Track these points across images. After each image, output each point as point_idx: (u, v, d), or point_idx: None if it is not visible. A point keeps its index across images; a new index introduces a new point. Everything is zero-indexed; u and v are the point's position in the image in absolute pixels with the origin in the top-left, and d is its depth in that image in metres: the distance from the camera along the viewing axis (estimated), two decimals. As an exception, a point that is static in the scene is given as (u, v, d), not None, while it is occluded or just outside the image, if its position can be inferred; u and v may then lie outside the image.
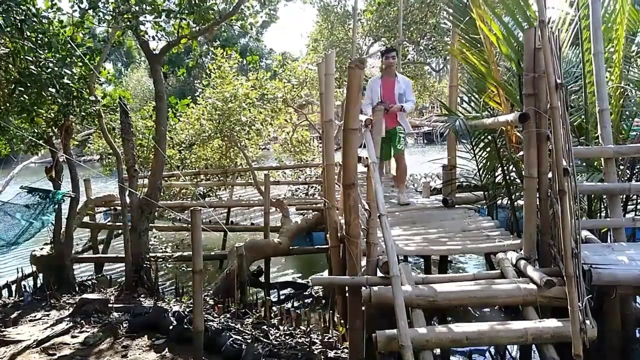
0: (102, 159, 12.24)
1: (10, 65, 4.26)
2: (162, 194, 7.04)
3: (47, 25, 4.70)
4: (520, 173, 4.14)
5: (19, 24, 4.23)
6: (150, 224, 6.39)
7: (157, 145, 6.09)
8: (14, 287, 5.93)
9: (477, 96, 5.16)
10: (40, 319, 4.53)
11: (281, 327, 4.31)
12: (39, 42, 4.03)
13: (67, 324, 4.20)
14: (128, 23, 5.23)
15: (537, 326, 2.81)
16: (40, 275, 6.15)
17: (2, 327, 4.30)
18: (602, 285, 2.97)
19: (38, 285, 6.01)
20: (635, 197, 4.31)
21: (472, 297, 3.12)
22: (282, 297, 6.46)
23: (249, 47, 29.73)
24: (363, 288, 3.26)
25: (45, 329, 4.19)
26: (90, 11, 5.25)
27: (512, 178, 4.69)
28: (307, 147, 9.67)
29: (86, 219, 7.87)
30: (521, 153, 3.56)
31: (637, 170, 4.40)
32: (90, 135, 9.29)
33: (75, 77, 5.19)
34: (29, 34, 4.26)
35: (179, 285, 5.77)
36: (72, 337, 4.00)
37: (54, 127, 5.69)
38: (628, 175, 4.35)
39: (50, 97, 4.34)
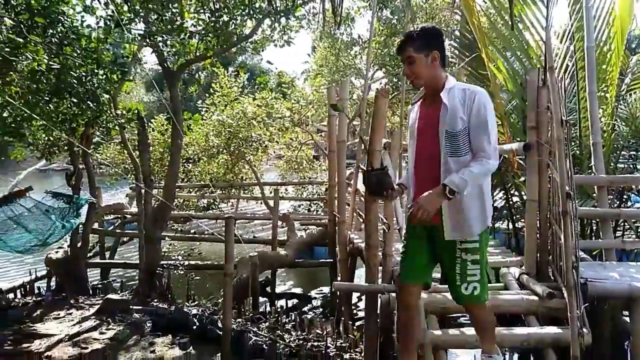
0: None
1: (51, 78, 4.57)
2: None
3: (84, 41, 5.02)
4: (521, 197, 4.54)
5: (58, 41, 4.55)
6: (163, 233, 6.68)
7: (173, 157, 6.43)
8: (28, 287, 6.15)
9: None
10: (64, 317, 4.74)
11: (293, 333, 4.59)
12: (82, 56, 4.34)
13: (94, 322, 4.43)
14: (151, 42, 5.56)
15: (539, 332, 3.16)
16: (54, 277, 6.36)
17: (30, 323, 4.51)
18: (596, 297, 3.34)
19: (52, 286, 6.21)
20: (622, 222, 4.74)
21: (480, 305, 3.47)
22: (288, 307, 6.74)
23: (247, 64, 30.24)
24: (380, 295, 3.59)
25: (74, 325, 4.42)
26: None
27: (513, 201, 5.09)
28: (311, 165, 10.07)
29: (95, 225, 8.09)
30: (523, 178, 3.96)
31: (625, 198, 4.86)
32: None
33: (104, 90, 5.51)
34: (68, 50, 4.56)
35: (190, 292, 6.04)
36: (100, 333, 4.23)
37: (73, 136, 5.99)
38: (617, 203, 4.78)
39: (88, 109, 4.67)
